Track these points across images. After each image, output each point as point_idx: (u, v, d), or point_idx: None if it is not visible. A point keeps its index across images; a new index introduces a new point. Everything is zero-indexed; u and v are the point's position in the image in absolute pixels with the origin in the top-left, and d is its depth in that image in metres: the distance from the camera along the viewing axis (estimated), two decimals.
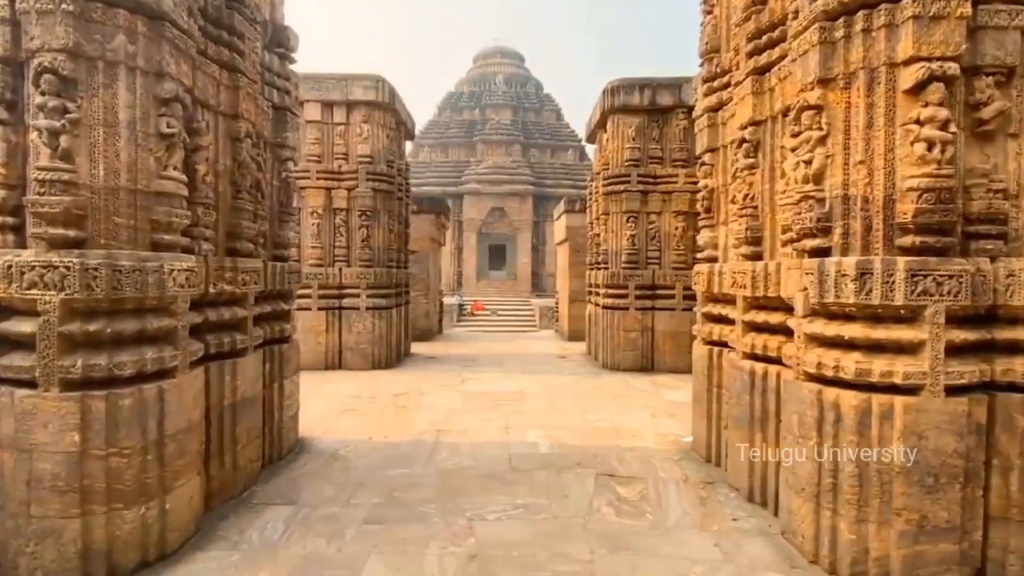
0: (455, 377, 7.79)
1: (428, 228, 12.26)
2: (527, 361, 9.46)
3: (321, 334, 8.31)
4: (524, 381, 7.53)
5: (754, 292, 3.71)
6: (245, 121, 3.89)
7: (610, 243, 8.66)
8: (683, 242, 8.37)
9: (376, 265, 8.46)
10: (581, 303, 12.37)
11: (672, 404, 6.31)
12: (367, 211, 8.32)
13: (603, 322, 8.69)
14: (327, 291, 8.36)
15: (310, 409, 5.91)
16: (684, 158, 8.39)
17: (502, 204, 35.39)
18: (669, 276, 8.37)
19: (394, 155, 8.84)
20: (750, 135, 3.83)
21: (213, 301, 3.64)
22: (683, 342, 8.32)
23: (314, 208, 8.31)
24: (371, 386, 7.15)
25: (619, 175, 8.41)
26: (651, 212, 8.43)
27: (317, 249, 8.33)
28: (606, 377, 7.91)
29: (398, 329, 9.13)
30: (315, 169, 8.29)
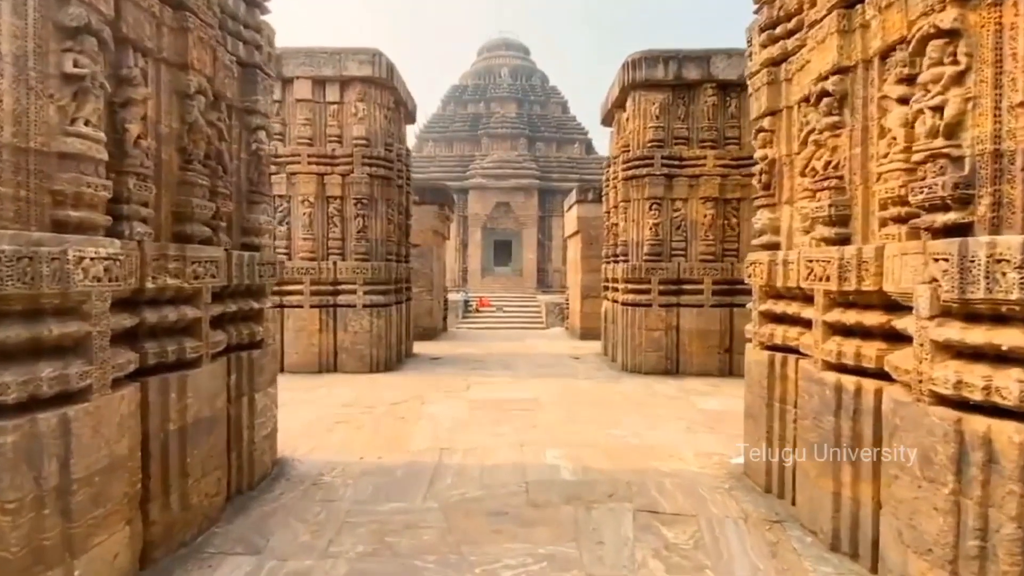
0: (460, 381, 6.99)
1: (431, 220, 11.46)
2: (538, 363, 8.65)
3: (314, 334, 7.53)
4: (537, 386, 6.73)
5: (841, 285, 2.88)
6: (197, 74, 3.08)
7: (630, 233, 7.83)
8: (712, 231, 7.53)
9: (374, 259, 7.66)
10: (594, 299, 11.56)
11: (707, 415, 5.49)
12: (363, 199, 7.52)
13: (622, 320, 7.87)
14: (320, 287, 7.57)
15: (296, 420, 5.14)
16: (713, 138, 7.55)
17: (507, 199, 34.66)
18: (696, 269, 7.54)
19: (393, 138, 8.03)
20: (834, 86, 3.00)
21: (154, 299, 2.85)
22: (712, 342, 7.51)
23: (305, 196, 7.52)
24: (368, 392, 6.36)
25: (641, 158, 7.57)
26: (676, 198, 7.59)
27: (309, 241, 7.54)
28: (627, 381, 7.10)
29: (398, 328, 8.34)
30: (306, 153, 7.49)
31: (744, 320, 7.61)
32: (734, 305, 7.58)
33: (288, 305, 7.56)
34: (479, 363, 8.59)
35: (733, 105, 7.57)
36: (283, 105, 7.56)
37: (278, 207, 7.58)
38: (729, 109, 7.58)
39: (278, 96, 7.51)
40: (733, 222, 7.61)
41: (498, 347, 10.63)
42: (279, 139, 7.54)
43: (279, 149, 7.50)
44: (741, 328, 7.61)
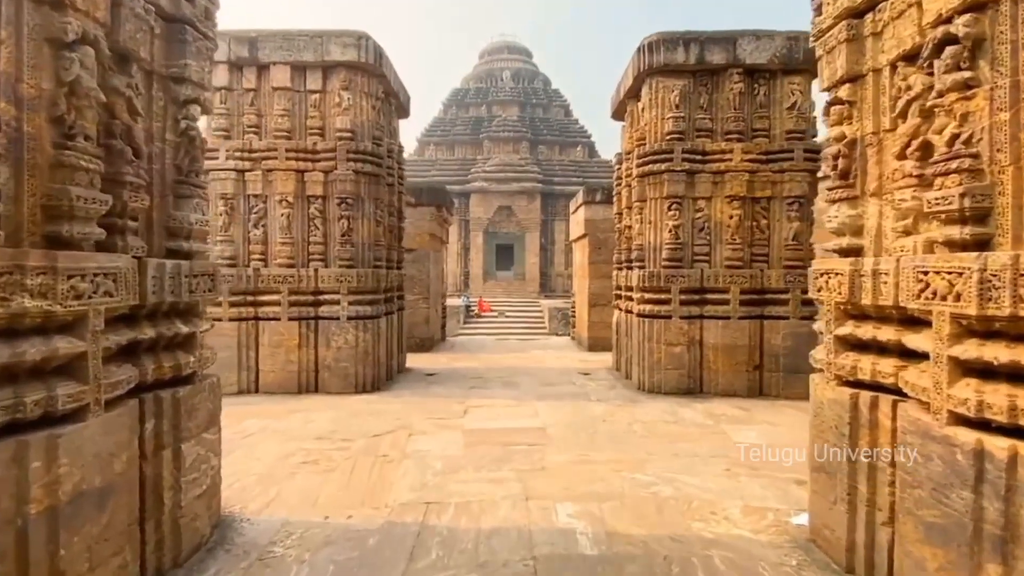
0: (456, 405, 6.11)
1: (428, 223, 10.61)
2: (544, 379, 7.76)
3: (292, 350, 6.65)
4: (543, 411, 5.84)
5: (983, 308, 2.00)
6: (81, 17, 2.22)
7: (647, 236, 6.95)
8: (739, 234, 6.64)
9: (360, 265, 6.79)
10: (603, 307, 10.68)
11: (747, 450, 4.60)
12: (348, 198, 6.66)
13: (638, 333, 6.98)
14: (300, 297, 6.71)
15: (258, 459, 4.27)
16: (740, 130, 6.68)
17: (510, 202, 33.96)
18: (722, 276, 6.65)
19: (382, 131, 7.17)
20: (965, 27, 2.12)
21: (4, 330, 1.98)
22: (739, 359, 6.62)
23: (283, 195, 6.66)
24: (349, 419, 5.49)
25: (658, 152, 6.69)
26: (699, 197, 6.71)
27: (287, 245, 6.68)
28: (646, 404, 6.20)
29: (388, 342, 7.46)
30: (284, 147, 6.63)
31: (775, 333, 6.74)
32: (764, 317, 6.70)
33: (264, 317, 6.70)
34: (478, 380, 7.70)
35: (762, 93, 6.71)
36: (258, 94, 6.71)
37: (253, 208, 6.72)
38: (757, 97, 6.72)
39: (252, 84, 6.68)
40: (762, 224, 6.73)
41: (499, 360, 9.74)
42: (254, 132, 6.69)
43: (253, 143, 6.65)
44: (772, 343, 6.73)
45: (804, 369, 6.90)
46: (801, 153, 6.58)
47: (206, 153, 6.75)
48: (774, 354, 6.64)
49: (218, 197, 6.67)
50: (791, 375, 6.59)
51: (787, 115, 6.67)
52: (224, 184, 6.63)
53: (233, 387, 6.62)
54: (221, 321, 6.64)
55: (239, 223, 6.71)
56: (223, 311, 6.63)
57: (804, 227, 6.69)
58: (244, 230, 6.73)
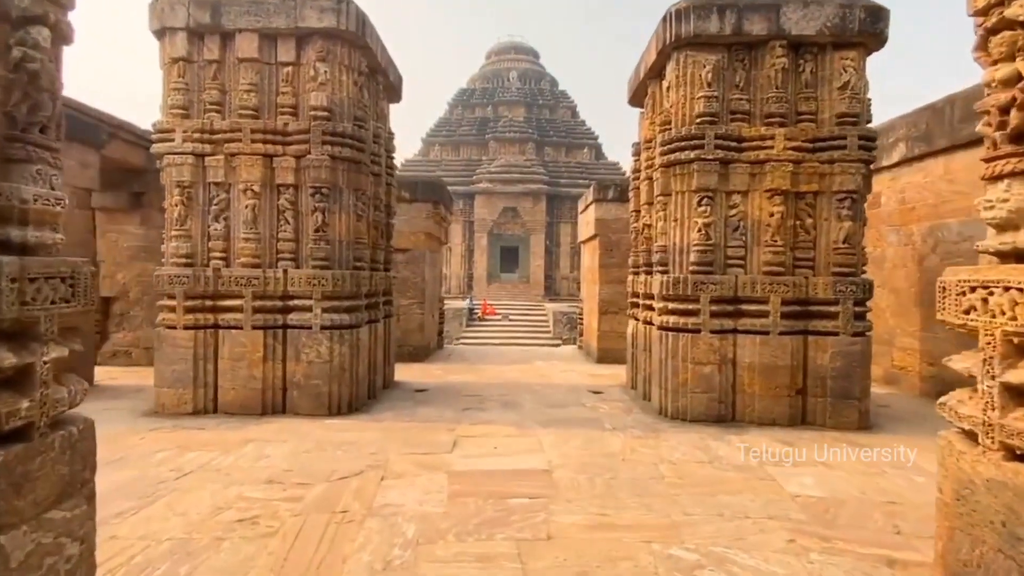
0: (444, 433, 5.08)
1: (424, 221, 9.59)
2: (549, 399, 6.72)
3: (256, 364, 5.64)
4: (549, 443, 4.80)
5: None
6: None
7: (671, 236, 5.90)
8: (780, 235, 5.59)
9: (337, 265, 5.77)
10: (615, 315, 9.64)
11: (808, 507, 3.54)
12: (323, 188, 5.64)
13: (659, 348, 5.93)
14: (266, 302, 5.69)
15: (178, 517, 3.26)
16: (782, 113, 5.63)
17: (515, 204, 33.09)
18: (760, 284, 5.59)
19: (366, 112, 6.16)
20: None
21: None
22: (780, 381, 5.56)
23: (248, 184, 5.65)
24: (311, 454, 4.46)
25: (687, 138, 5.65)
26: (733, 191, 5.66)
27: (252, 242, 5.66)
28: (671, 435, 5.15)
29: (371, 354, 6.44)
30: (250, 128, 5.63)
31: (821, 352, 5.67)
32: (808, 332, 5.63)
33: (224, 325, 5.68)
34: (474, 398, 6.67)
35: (808, 70, 5.66)
36: (222, 67, 5.71)
37: (213, 198, 5.72)
38: (803, 75, 5.67)
39: (215, 55, 5.68)
40: (807, 223, 5.67)
41: (500, 373, 8.70)
42: (215, 110, 5.69)
43: (215, 123, 5.65)
44: (818, 363, 5.66)
45: (854, 394, 5.83)
46: (855, 140, 5.53)
47: (160, 133, 5.81)
48: (820, 376, 5.58)
49: (174, 185, 5.67)
50: (840, 401, 5.52)
51: (838, 96, 5.61)
52: (180, 171, 5.63)
53: (188, 406, 5.61)
54: (175, 329, 5.64)
55: (197, 216, 5.71)
56: (177, 318, 5.62)
57: (856, 227, 5.62)
58: (203, 224, 5.72)
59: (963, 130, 6.67)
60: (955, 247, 6.93)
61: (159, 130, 5.66)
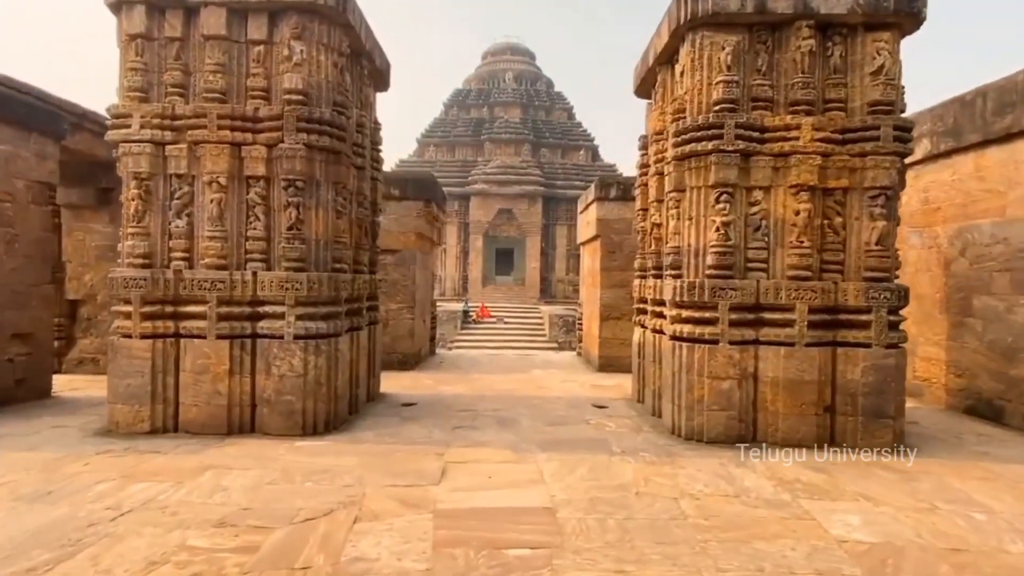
0: (432, 459, 4.45)
1: (414, 220, 8.96)
2: (549, 415, 6.10)
3: (221, 378, 4.99)
4: (551, 472, 4.18)
5: None
6: None
7: (684, 237, 5.30)
8: (807, 235, 5.00)
9: (313, 267, 5.14)
10: (618, 321, 9.04)
11: (864, 559, 2.93)
12: (298, 180, 5.01)
13: (671, 361, 5.32)
14: (233, 308, 5.05)
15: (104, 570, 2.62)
16: (809, 100, 5.04)
17: (510, 206, 32.56)
18: (784, 290, 5.00)
19: (347, 97, 5.53)
20: None
21: None
22: (806, 398, 4.96)
23: (214, 175, 5.01)
24: (275, 486, 3.83)
25: (704, 127, 5.05)
26: (755, 187, 5.07)
27: (218, 241, 5.02)
28: (688, 460, 4.54)
29: (353, 366, 5.80)
30: (216, 113, 4.99)
31: (852, 365, 5.06)
32: (838, 343, 5.04)
33: (186, 334, 5.04)
34: (467, 414, 6.04)
35: (837, 54, 5.08)
36: (185, 45, 5.08)
37: (175, 191, 5.08)
38: (832, 59, 5.09)
39: (177, 32, 5.04)
40: (836, 222, 5.08)
41: (495, 383, 8.07)
42: (178, 94, 5.05)
43: (177, 107, 5.01)
44: (848, 377, 5.05)
45: (888, 412, 5.19)
46: (889, 131, 4.95)
47: (115, 119, 5.16)
48: (850, 392, 4.99)
49: (130, 177, 5.03)
50: (872, 420, 4.93)
51: (870, 82, 5.03)
52: (138, 160, 4.99)
53: (145, 424, 4.96)
54: (131, 338, 4.99)
55: (157, 211, 5.07)
56: (133, 325, 4.97)
57: (890, 227, 5.04)
58: (163, 220, 5.08)
59: (996, 124, 6.12)
60: (987, 250, 6.36)
61: (114, 115, 5.01)
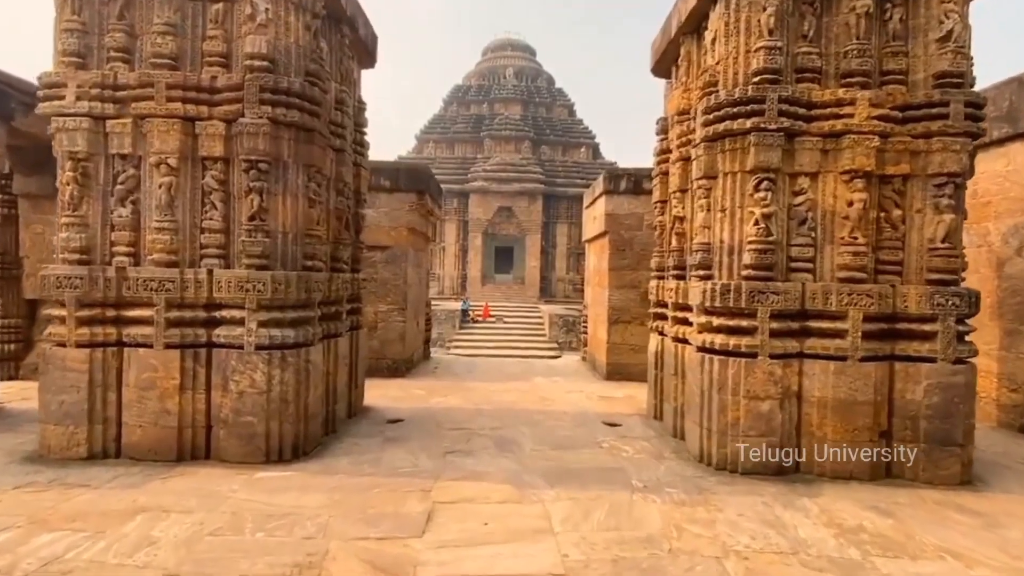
0: (416, 497, 3.65)
1: (407, 214, 8.15)
2: (555, 435, 5.30)
3: (170, 394, 4.19)
4: (561, 519, 3.39)
5: None
6: None
7: (716, 231, 4.51)
8: (861, 230, 4.20)
9: (279, 264, 4.34)
10: (628, 325, 8.24)
11: None
12: (262, 162, 4.21)
13: (699, 376, 4.53)
14: (185, 312, 4.25)
15: None
16: (864, 71, 4.25)
17: (510, 203, 31.76)
18: (835, 294, 4.20)
19: (322, 66, 4.72)
20: None
21: None
22: (860, 421, 4.17)
23: (163, 156, 4.21)
24: (217, 540, 3.03)
25: (742, 101, 4.25)
26: (799, 172, 4.28)
27: (167, 233, 4.22)
28: (725, 499, 3.74)
29: (330, 379, 5.00)
30: (165, 82, 4.18)
31: (912, 384, 4.26)
32: (896, 357, 4.25)
33: (130, 342, 4.24)
34: (460, 435, 5.25)
35: (896, 17, 4.29)
36: (130, 3, 4.27)
37: (118, 175, 4.28)
38: (890, 23, 4.29)
39: None
40: (895, 215, 4.29)
41: (493, 393, 7.28)
42: (121, 59, 4.25)
43: (120, 75, 4.21)
44: (908, 398, 4.20)
45: (955, 439, 4.19)
46: (960, 108, 4.16)
47: (47, 89, 4.33)
48: (910, 415, 4.20)
49: (65, 157, 4.23)
50: (937, 449, 4.14)
51: (936, 50, 4.24)
52: (73, 137, 4.19)
53: (81, 448, 4.17)
54: (65, 347, 4.19)
55: (96, 198, 4.27)
56: (68, 331, 4.17)
57: (958, 221, 4.25)
58: (104, 208, 4.28)
59: None
60: None
61: (46, 84, 4.21)
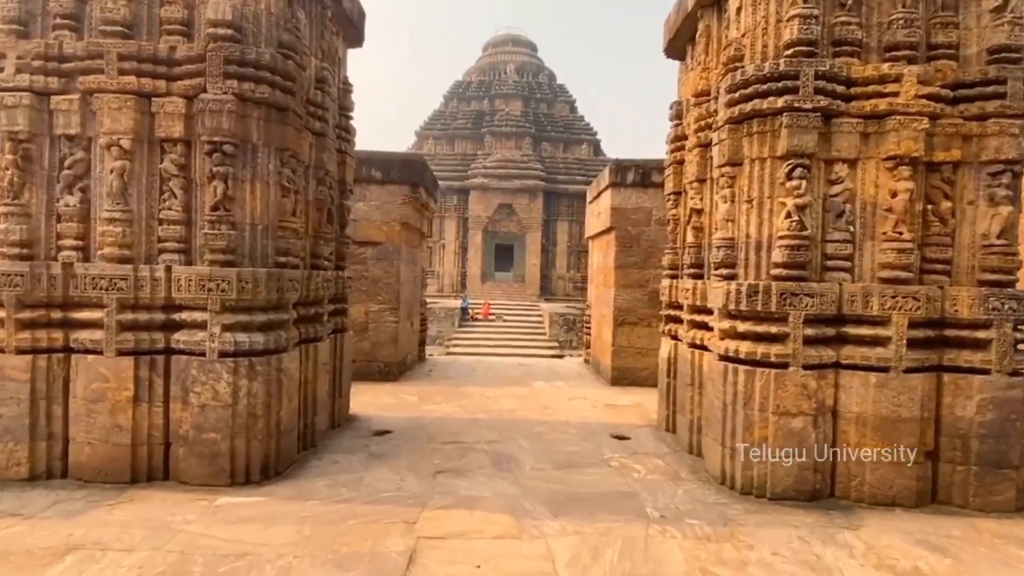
0: (397, 533, 3.14)
1: (399, 208, 7.63)
2: (558, 451, 4.79)
3: (123, 407, 3.68)
4: (567, 560, 2.87)
5: None
6: None
7: (740, 225, 3.99)
8: (907, 224, 3.68)
9: (247, 260, 3.81)
10: (634, 327, 7.73)
11: None
12: (226, 143, 3.68)
13: (721, 387, 4.01)
14: (140, 315, 3.73)
15: None
16: (911, 43, 3.72)
17: (511, 200, 31.28)
18: (877, 296, 3.68)
19: (298, 37, 4.18)
20: None
21: None
22: (903, 440, 3.67)
23: (115, 137, 3.68)
24: None
25: (773, 77, 3.73)
26: (837, 159, 3.76)
27: (119, 225, 3.70)
28: (754, 532, 3.23)
29: (308, 388, 4.48)
30: (117, 52, 3.66)
31: (963, 398, 3.70)
32: (943, 368, 3.73)
33: (78, 348, 3.73)
34: (453, 450, 4.73)
35: None
36: None
37: (64, 158, 3.76)
38: None
39: None
40: (943, 207, 3.77)
41: (490, 400, 6.76)
42: (68, 27, 3.72)
43: (65, 45, 3.69)
44: (958, 414, 3.63)
45: (1011, 462, 3.54)
46: (1019, 86, 3.64)
47: None
48: (960, 434, 3.68)
49: (3, 137, 3.71)
50: (989, 472, 3.62)
51: (991, 21, 3.72)
52: (13, 115, 3.67)
53: (22, 468, 3.66)
54: (3, 353, 3.68)
55: (39, 184, 3.75)
56: (6, 335, 3.66)
57: (1016, 215, 3.73)
58: (48, 197, 3.76)
59: None
60: None
61: None
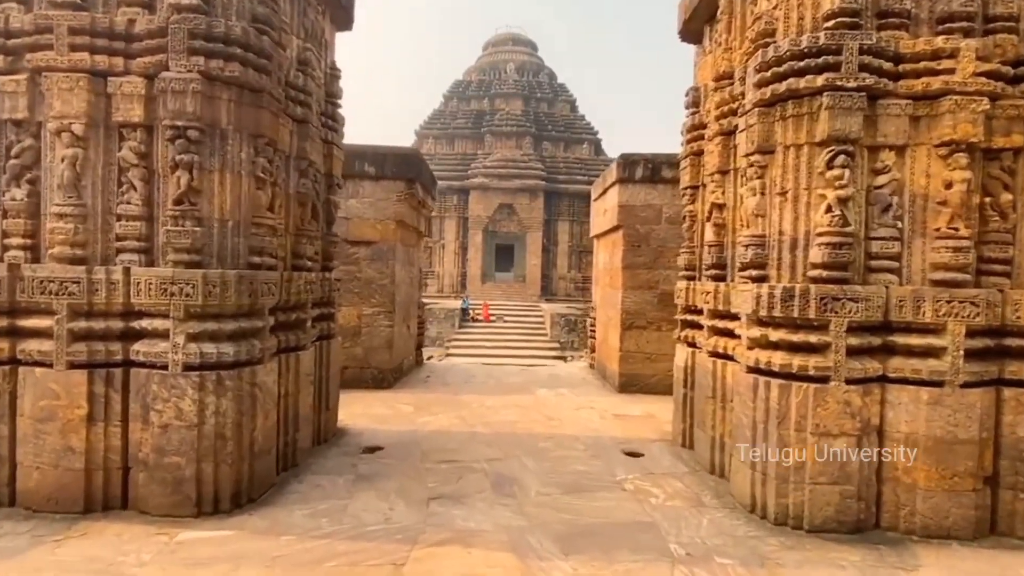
0: (384, 573, 2.70)
1: (395, 205, 7.18)
2: (565, 472, 4.33)
3: (76, 427, 3.23)
4: None
5: None
6: None
7: (772, 220, 3.53)
8: (963, 219, 3.23)
9: (216, 261, 3.36)
10: (643, 331, 7.28)
11: None
12: (191, 128, 3.23)
13: (750, 403, 3.56)
14: (94, 322, 3.28)
15: None
16: (967, 15, 3.27)
17: (511, 200, 30.90)
18: (930, 301, 3.23)
19: (275, 11, 3.73)
20: None
21: None
22: (959, 464, 3.21)
23: (66, 121, 3.24)
24: None
25: (809, 52, 3.27)
26: (883, 145, 3.31)
27: (71, 221, 3.25)
28: (792, 572, 2.78)
29: (287, 403, 4.02)
30: (68, 26, 3.21)
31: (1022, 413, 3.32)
32: (1004, 382, 3.28)
33: (26, 360, 3.28)
34: (450, 469, 4.28)
35: None
36: None
37: (11, 146, 3.31)
38: None
39: None
40: (1004, 200, 3.32)
41: (492, 410, 6.30)
42: None
43: (11, 18, 3.24)
44: (1021, 433, 3.32)
45: None
46: None
47: None
48: (1022, 457, 3.23)
49: None
50: None
51: None
52: None
53: None
54: None
55: None
56: None
57: None
58: None
59: None
60: None
61: None
